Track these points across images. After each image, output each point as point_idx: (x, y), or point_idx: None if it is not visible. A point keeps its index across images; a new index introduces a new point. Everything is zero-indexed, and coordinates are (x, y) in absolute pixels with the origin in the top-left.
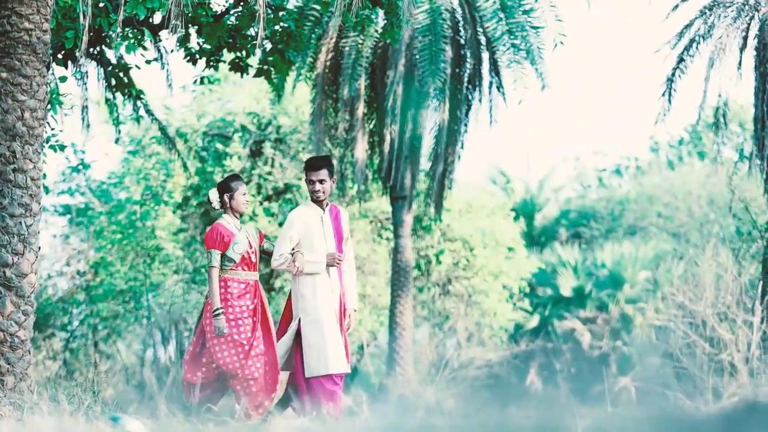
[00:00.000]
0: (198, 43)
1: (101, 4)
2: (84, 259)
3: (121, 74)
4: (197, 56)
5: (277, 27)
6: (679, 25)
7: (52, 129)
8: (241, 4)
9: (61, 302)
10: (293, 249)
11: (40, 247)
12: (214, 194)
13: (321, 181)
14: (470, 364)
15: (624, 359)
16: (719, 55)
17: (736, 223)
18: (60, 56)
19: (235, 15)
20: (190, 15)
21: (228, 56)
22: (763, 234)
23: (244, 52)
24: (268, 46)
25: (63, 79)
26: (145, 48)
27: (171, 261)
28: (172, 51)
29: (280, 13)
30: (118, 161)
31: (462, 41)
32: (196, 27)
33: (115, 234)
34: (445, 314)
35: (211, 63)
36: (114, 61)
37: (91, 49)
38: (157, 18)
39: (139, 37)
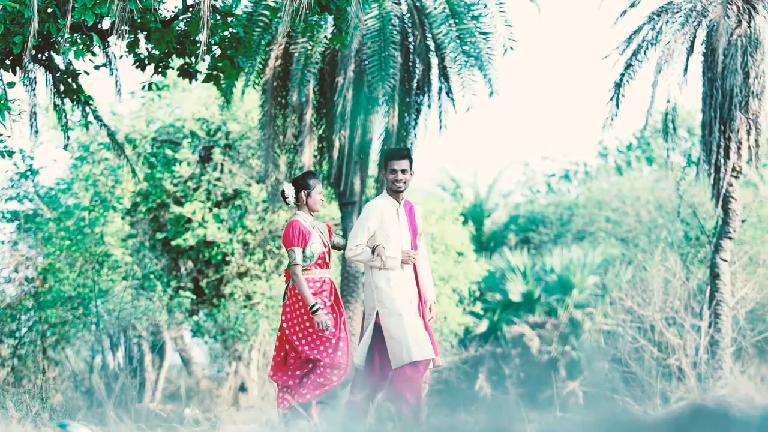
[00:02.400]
0: (147, 49)
1: (49, 10)
2: (32, 265)
3: (69, 80)
4: (146, 62)
5: (226, 33)
6: (628, 30)
7: (0, 135)
8: (190, 10)
9: (9, 309)
10: (369, 241)
11: None
12: (290, 190)
13: (403, 171)
14: None
15: (573, 364)
16: (667, 60)
17: (684, 228)
18: (8, 62)
19: (184, 21)
20: (138, 21)
21: (177, 62)
22: (711, 239)
23: (193, 58)
24: (217, 51)
25: (11, 84)
26: (93, 54)
27: (120, 267)
28: (120, 57)
29: (229, 19)
30: (66, 167)
31: (411, 47)
32: (145, 33)
33: (63, 240)
34: None
35: (160, 69)
36: (62, 66)
37: (40, 55)
38: (105, 24)
39: (88, 42)
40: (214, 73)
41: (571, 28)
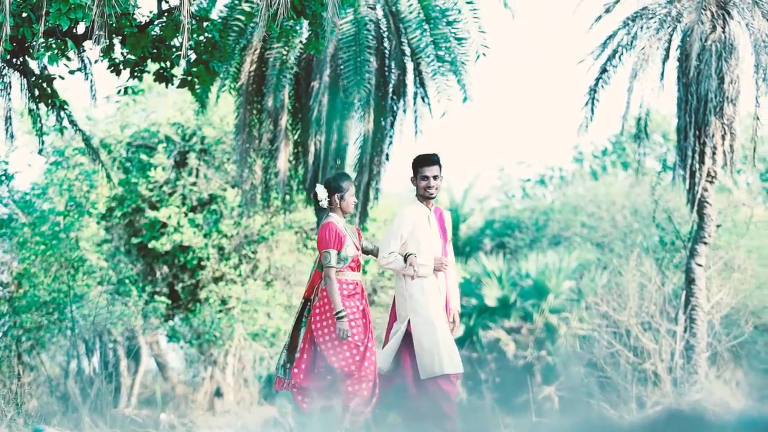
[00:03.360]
0: (122, 54)
1: (24, 14)
2: (7, 270)
3: (44, 85)
4: (121, 67)
5: (201, 37)
6: (603, 36)
7: None
8: (165, 14)
9: None
10: (401, 248)
11: None
12: (323, 192)
13: (435, 177)
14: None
15: (548, 369)
16: (642, 65)
17: (660, 233)
18: None
19: (160, 25)
20: (114, 25)
21: (152, 67)
22: (686, 244)
23: (168, 63)
24: (193, 56)
25: None
26: (68, 58)
27: (95, 272)
28: (96, 61)
29: (205, 24)
30: (41, 172)
31: (387, 52)
32: (120, 37)
33: (38, 245)
34: None
35: (135, 73)
36: (37, 71)
37: (14, 60)
38: (80, 28)
39: (63, 47)
40: (189, 78)
41: (546, 34)
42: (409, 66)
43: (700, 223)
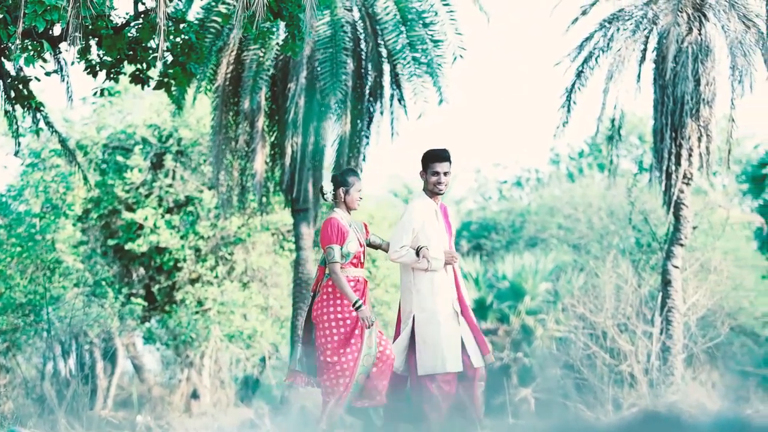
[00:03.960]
0: (98, 55)
1: (0, 16)
2: None
3: (20, 86)
4: (98, 68)
5: (178, 39)
6: (579, 38)
7: None
8: (142, 16)
9: None
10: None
11: None
12: (329, 186)
13: (445, 173)
14: None
15: (525, 370)
16: (618, 67)
17: (636, 235)
18: None
19: (136, 27)
20: (90, 27)
21: (128, 68)
22: (663, 245)
23: (144, 64)
24: (169, 58)
25: None
26: (44, 60)
27: (71, 274)
28: (72, 63)
29: (181, 25)
30: (17, 174)
31: (363, 54)
32: (96, 39)
33: (14, 247)
34: None
35: (112, 75)
36: (13, 73)
37: None
38: (56, 30)
39: (39, 48)
40: (166, 79)
41: (523, 36)
42: (386, 68)
43: (676, 224)
